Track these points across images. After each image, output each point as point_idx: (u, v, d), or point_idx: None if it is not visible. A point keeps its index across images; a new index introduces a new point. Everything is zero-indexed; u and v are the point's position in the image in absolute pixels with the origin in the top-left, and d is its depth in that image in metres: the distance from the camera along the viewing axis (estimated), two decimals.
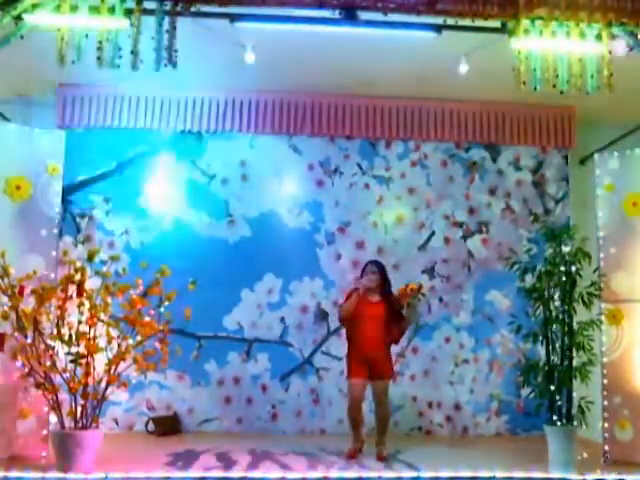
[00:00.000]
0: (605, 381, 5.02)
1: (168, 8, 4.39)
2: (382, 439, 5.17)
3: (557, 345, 4.82)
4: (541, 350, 5.01)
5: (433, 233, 6.64)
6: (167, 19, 4.38)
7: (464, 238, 6.66)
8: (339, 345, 6.30)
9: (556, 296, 4.87)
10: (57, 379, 4.51)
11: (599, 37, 4.58)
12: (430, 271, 6.57)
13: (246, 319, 6.39)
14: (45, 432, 4.79)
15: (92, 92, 6.32)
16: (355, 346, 5.20)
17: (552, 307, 4.85)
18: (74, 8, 4.31)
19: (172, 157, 6.55)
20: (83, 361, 4.45)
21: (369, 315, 5.12)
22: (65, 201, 5.94)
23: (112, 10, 4.32)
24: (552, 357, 4.81)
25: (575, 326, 4.81)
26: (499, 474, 4.49)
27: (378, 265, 5.34)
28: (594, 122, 6.56)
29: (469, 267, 6.62)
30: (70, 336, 4.50)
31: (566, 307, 4.81)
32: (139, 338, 4.61)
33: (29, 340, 4.46)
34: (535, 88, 4.54)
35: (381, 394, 5.12)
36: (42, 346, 4.49)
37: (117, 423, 6.12)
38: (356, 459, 4.98)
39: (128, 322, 4.60)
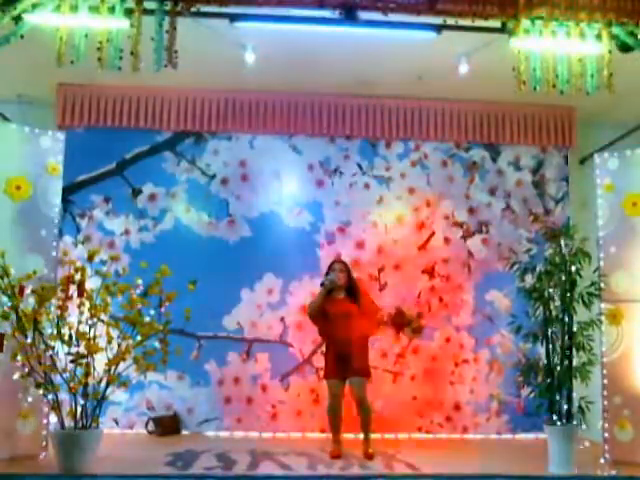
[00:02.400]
0: (605, 381, 5.01)
1: (168, 8, 4.40)
2: (367, 437, 5.16)
3: (557, 345, 4.81)
4: (541, 350, 5.00)
5: (433, 233, 6.64)
6: (167, 19, 4.39)
7: (464, 238, 6.66)
8: None
9: (556, 296, 4.86)
10: (57, 379, 4.51)
11: (599, 37, 4.59)
12: (430, 271, 6.57)
13: (246, 319, 6.39)
14: (45, 432, 4.79)
15: (92, 92, 6.33)
16: (328, 345, 5.26)
17: (552, 307, 4.85)
18: (74, 8, 4.32)
19: (172, 157, 6.55)
20: (83, 361, 4.45)
21: (337, 313, 5.16)
22: (65, 201, 5.93)
23: (112, 10, 4.33)
24: (552, 357, 4.80)
25: (575, 326, 4.81)
26: (499, 474, 4.49)
27: (344, 263, 5.45)
28: (594, 122, 6.57)
29: (469, 267, 6.61)
30: (70, 336, 4.50)
31: (566, 307, 4.81)
32: (139, 338, 4.61)
33: (29, 340, 4.46)
34: (535, 88, 4.54)
35: (359, 392, 5.09)
36: (42, 346, 4.48)
37: (117, 423, 6.11)
38: (342, 459, 4.96)
39: (128, 322, 4.60)
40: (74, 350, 4.47)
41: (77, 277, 4.59)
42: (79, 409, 4.47)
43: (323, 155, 6.64)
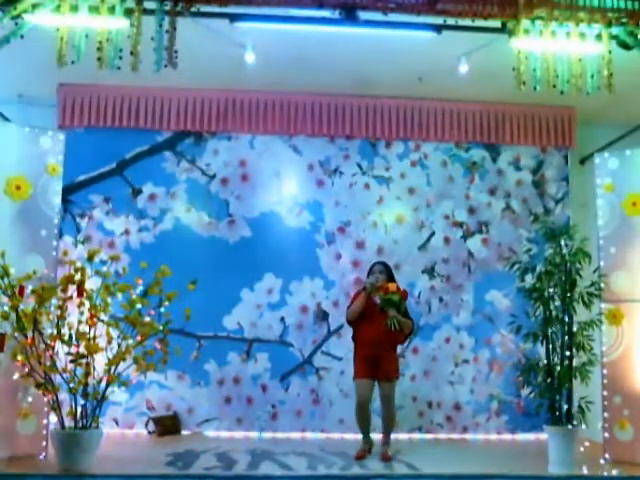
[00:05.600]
0: (605, 381, 5.01)
1: (168, 8, 4.40)
2: (387, 439, 5.16)
3: (557, 345, 4.81)
4: (541, 350, 5.01)
5: (433, 233, 6.64)
6: (167, 19, 4.39)
7: (464, 238, 6.66)
8: (339, 345, 6.31)
9: (556, 296, 4.87)
10: (57, 379, 4.51)
11: (599, 37, 4.59)
12: (430, 271, 6.57)
13: (246, 319, 6.39)
14: (45, 432, 4.78)
15: (92, 92, 6.33)
16: (361, 346, 5.19)
17: (552, 307, 4.85)
18: (74, 8, 4.32)
19: (172, 157, 6.55)
20: (83, 361, 4.45)
21: (375, 315, 5.11)
22: (65, 201, 5.93)
23: (112, 10, 4.33)
24: (552, 357, 4.80)
25: (575, 326, 4.81)
26: (499, 474, 4.49)
27: (385, 265, 5.37)
28: (594, 122, 6.57)
29: (469, 267, 6.62)
30: (70, 336, 4.50)
31: (566, 307, 4.81)
32: (139, 338, 4.61)
33: (29, 340, 4.46)
34: (535, 88, 4.55)
35: (388, 395, 5.09)
36: (42, 346, 4.49)
37: (117, 423, 6.11)
38: (363, 460, 4.95)
39: (128, 322, 4.60)
40: (74, 350, 4.47)
41: (77, 277, 4.59)
42: (79, 409, 4.47)
43: (323, 155, 6.64)
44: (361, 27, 4.72)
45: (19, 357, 4.46)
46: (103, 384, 4.52)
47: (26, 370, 4.47)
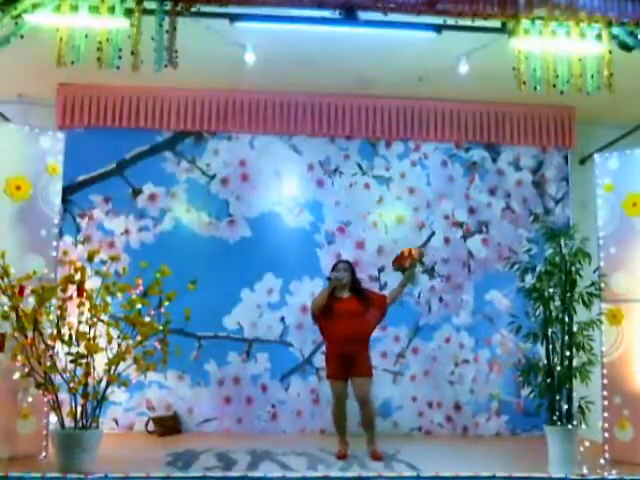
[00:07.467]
0: (605, 381, 5.01)
1: (168, 8, 4.41)
2: (372, 438, 5.14)
3: (557, 345, 4.81)
4: (541, 350, 5.01)
5: (433, 233, 6.64)
6: (167, 19, 4.40)
7: (464, 238, 6.66)
8: None
9: (556, 296, 4.87)
10: (57, 379, 4.51)
11: (599, 37, 4.59)
12: (430, 271, 6.57)
13: (246, 319, 6.39)
14: (45, 432, 4.79)
15: (92, 92, 6.33)
16: (331, 344, 5.21)
17: (552, 307, 4.85)
18: (74, 8, 4.33)
19: (172, 157, 6.55)
20: (83, 361, 4.45)
21: (340, 311, 5.11)
22: (65, 201, 5.93)
23: (112, 10, 4.34)
24: (552, 357, 4.80)
25: (575, 326, 4.81)
26: (499, 474, 4.48)
27: (349, 264, 5.40)
28: (594, 122, 6.58)
29: (469, 267, 6.62)
30: (70, 336, 4.50)
31: (566, 307, 4.81)
32: (139, 338, 4.61)
33: (29, 340, 4.46)
34: (535, 88, 4.55)
35: (362, 392, 5.07)
36: (42, 346, 4.49)
37: (117, 423, 6.11)
38: (346, 460, 4.96)
39: (128, 322, 4.60)
40: (74, 350, 4.47)
41: (77, 277, 4.60)
42: (79, 409, 4.47)
43: (323, 155, 6.65)
44: (361, 27, 4.73)
45: (19, 357, 4.46)
46: (103, 384, 4.52)
47: (26, 370, 4.47)
